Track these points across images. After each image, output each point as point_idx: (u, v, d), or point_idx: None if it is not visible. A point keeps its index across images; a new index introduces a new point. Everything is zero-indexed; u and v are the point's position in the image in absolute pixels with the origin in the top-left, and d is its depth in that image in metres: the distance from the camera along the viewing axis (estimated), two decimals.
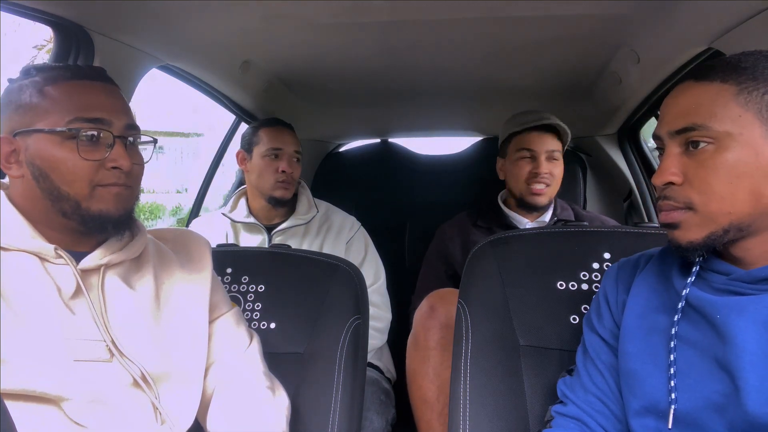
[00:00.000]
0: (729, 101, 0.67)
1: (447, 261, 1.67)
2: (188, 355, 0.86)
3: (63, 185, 0.76)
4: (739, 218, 0.67)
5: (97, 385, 0.75)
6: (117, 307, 0.81)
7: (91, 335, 0.77)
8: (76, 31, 1.18)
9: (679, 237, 0.71)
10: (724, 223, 0.67)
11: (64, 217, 0.77)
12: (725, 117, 0.67)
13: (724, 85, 0.68)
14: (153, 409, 0.80)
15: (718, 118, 0.67)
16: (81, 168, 0.75)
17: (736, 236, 0.68)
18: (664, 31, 1.33)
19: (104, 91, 0.79)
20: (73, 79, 0.77)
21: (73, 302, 0.78)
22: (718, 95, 0.68)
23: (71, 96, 0.76)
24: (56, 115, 0.75)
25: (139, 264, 0.87)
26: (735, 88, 0.67)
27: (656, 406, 0.73)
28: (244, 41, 1.52)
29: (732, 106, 0.67)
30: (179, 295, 0.89)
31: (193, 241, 0.98)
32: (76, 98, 0.76)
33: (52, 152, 0.75)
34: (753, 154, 0.66)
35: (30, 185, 0.77)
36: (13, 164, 0.77)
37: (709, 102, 0.68)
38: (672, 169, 0.70)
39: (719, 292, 0.71)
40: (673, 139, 0.71)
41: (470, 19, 1.35)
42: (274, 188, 1.61)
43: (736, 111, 0.66)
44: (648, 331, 0.77)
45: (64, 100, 0.76)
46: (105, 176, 0.77)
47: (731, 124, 0.66)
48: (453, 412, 0.97)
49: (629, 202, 2.22)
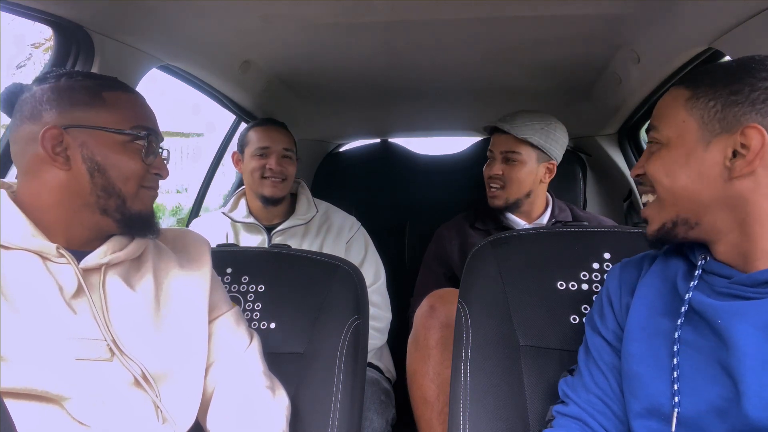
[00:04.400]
0: (679, 106, 0.73)
1: (445, 263, 1.67)
2: (188, 354, 0.87)
3: (118, 182, 0.81)
4: (682, 212, 0.73)
5: (98, 384, 0.76)
6: (118, 306, 0.81)
7: (91, 334, 0.77)
8: (76, 31, 1.18)
9: (647, 230, 0.79)
10: (671, 214, 0.74)
11: (104, 213, 0.81)
12: (671, 121, 0.73)
13: (684, 91, 0.73)
14: (154, 408, 0.80)
15: (666, 122, 0.74)
16: (137, 169, 0.82)
17: (690, 232, 0.74)
18: (664, 31, 1.33)
19: (142, 102, 0.87)
20: (127, 92, 0.85)
21: (75, 301, 0.78)
22: (674, 99, 0.74)
23: (133, 105, 0.84)
24: (119, 119, 0.81)
25: (139, 264, 0.88)
26: (690, 93, 0.72)
27: (659, 409, 0.73)
28: (244, 41, 1.52)
29: (680, 110, 0.72)
30: (179, 295, 0.89)
31: (192, 241, 0.98)
32: (137, 108, 0.84)
33: (115, 151, 0.81)
34: (684, 155, 0.71)
35: (77, 179, 0.79)
36: (60, 156, 0.78)
37: (665, 105, 0.75)
38: (639, 163, 0.79)
39: (721, 296, 0.71)
40: (648, 135, 0.78)
41: (470, 19, 1.35)
42: (262, 186, 1.61)
43: (681, 116, 0.72)
44: (652, 334, 0.77)
45: (126, 107, 0.83)
46: (149, 180, 0.85)
47: (674, 128, 0.73)
48: (453, 412, 0.97)
49: (629, 202, 2.22)
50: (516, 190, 1.60)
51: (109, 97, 0.82)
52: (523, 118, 1.59)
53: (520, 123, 1.57)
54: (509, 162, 1.59)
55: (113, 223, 0.82)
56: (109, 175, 0.80)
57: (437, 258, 1.69)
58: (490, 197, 1.63)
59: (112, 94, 0.82)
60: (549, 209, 1.68)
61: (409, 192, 2.47)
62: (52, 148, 0.77)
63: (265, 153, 1.62)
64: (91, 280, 0.80)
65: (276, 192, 1.61)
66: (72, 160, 0.79)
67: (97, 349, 0.77)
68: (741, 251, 0.70)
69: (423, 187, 2.47)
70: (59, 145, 0.78)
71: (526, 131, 1.56)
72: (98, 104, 0.81)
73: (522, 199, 1.62)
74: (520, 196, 1.61)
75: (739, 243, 0.70)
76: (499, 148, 1.60)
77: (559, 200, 1.73)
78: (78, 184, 0.79)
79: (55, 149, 0.78)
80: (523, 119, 1.58)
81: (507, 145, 1.58)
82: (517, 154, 1.58)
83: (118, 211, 0.82)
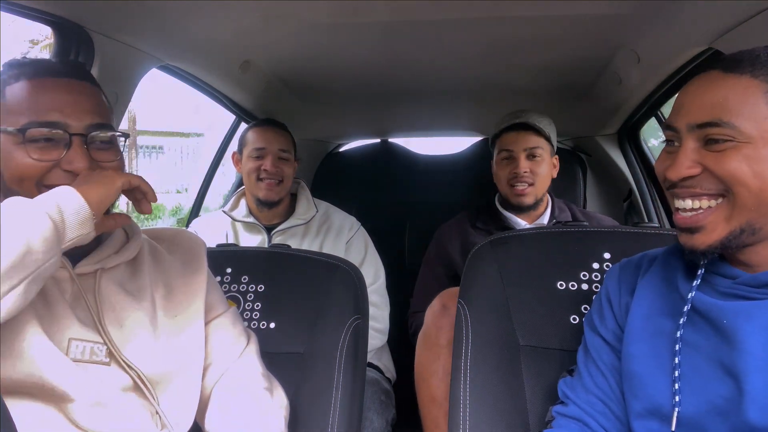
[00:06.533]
0: (759, 99, 0.63)
1: (446, 263, 1.67)
2: (186, 356, 0.86)
3: (12, 184, 0.75)
4: (756, 219, 0.65)
5: (97, 388, 0.75)
6: (113, 310, 0.80)
7: (89, 338, 0.77)
8: (76, 31, 1.18)
9: (698, 241, 0.68)
10: (742, 221, 0.66)
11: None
12: (752, 117, 0.63)
13: (754, 81, 0.64)
14: (152, 414, 0.80)
15: (745, 117, 0.63)
16: (29, 168, 0.75)
17: (747, 239, 0.67)
18: (664, 31, 1.33)
19: (67, 89, 0.78)
20: (36, 77, 0.77)
21: (73, 305, 0.78)
22: (747, 91, 0.64)
23: (28, 96, 0.76)
24: (14, 114, 0.75)
25: (134, 266, 0.87)
26: (766, 85, 0.64)
27: (659, 409, 0.73)
28: (243, 41, 1.52)
29: (761, 104, 0.63)
30: (175, 297, 0.88)
31: (188, 241, 0.97)
32: (33, 99, 0.76)
33: (6, 150, 0.75)
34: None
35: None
36: None
37: (736, 97, 0.64)
38: (688, 163, 0.67)
39: (725, 296, 0.70)
40: (692, 132, 0.67)
41: (470, 19, 1.35)
42: (257, 189, 1.61)
43: (764, 111, 0.63)
44: (652, 334, 0.77)
45: (21, 100, 0.76)
46: (56, 177, 0.76)
47: (756, 125, 0.63)
48: (453, 412, 0.97)
49: (629, 202, 2.22)
50: (543, 185, 1.63)
51: (12, 90, 0.76)
52: (535, 114, 1.62)
53: (536, 118, 1.61)
54: (534, 158, 1.60)
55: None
56: (3, 176, 0.76)
57: (438, 257, 1.69)
58: (519, 195, 1.61)
59: (16, 85, 0.76)
60: (549, 209, 1.68)
61: (409, 192, 2.47)
62: None
63: (261, 154, 1.62)
64: (85, 285, 0.79)
65: (270, 195, 1.61)
66: None
67: (95, 353, 0.77)
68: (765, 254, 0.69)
69: (423, 187, 2.47)
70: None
71: (545, 126, 1.60)
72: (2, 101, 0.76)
73: (543, 196, 1.65)
74: (544, 192, 1.64)
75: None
76: (522, 146, 1.60)
77: (558, 200, 1.74)
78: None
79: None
80: (536, 115, 1.62)
81: (530, 142, 1.60)
82: (540, 149, 1.61)
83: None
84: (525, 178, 1.59)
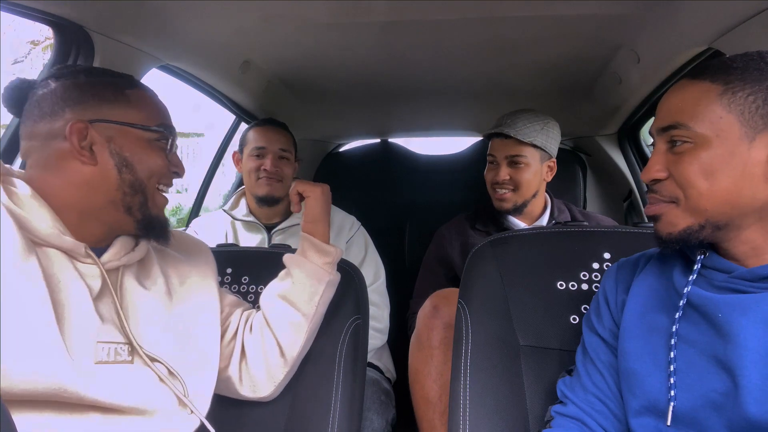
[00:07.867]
0: (712, 102, 0.68)
1: (446, 264, 1.67)
2: (203, 342, 0.89)
3: (145, 178, 0.82)
4: (714, 216, 0.69)
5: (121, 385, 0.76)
6: (134, 307, 0.82)
7: (113, 337, 0.78)
8: (76, 31, 1.18)
9: (659, 228, 0.74)
10: (700, 219, 0.70)
11: (127, 212, 0.81)
12: (706, 118, 0.68)
13: (711, 85, 0.68)
14: (177, 402, 0.81)
15: (699, 119, 0.68)
16: (161, 166, 0.84)
17: (713, 234, 0.70)
18: (664, 31, 1.33)
19: (164, 104, 0.88)
20: (146, 90, 0.86)
21: (98, 304, 0.78)
22: (703, 95, 0.68)
23: (154, 103, 0.85)
24: (144, 116, 0.83)
25: (145, 263, 0.89)
26: (721, 87, 0.68)
27: (655, 405, 0.73)
28: (243, 41, 1.52)
29: (715, 107, 0.67)
30: (189, 293, 0.91)
31: (192, 242, 1.02)
32: (158, 105, 0.86)
33: (142, 147, 0.82)
34: (728, 155, 0.67)
35: (103, 175, 0.79)
36: (85, 150, 0.78)
37: (693, 101, 0.69)
38: (657, 166, 0.73)
39: (720, 290, 0.71)
40: (660, 135, 0.73)
41: (470, 19, 1.35)
42: (257, 187, 1.61)
43: (717, 112, 0.67)
44: (648, 330, 0.77)
45: (151, 105, 0.84)
46: (166, 177, 0.86)
47: (710, 125, 0.67)
48: (453, 412, 0.97)
49: (629, 202, 2.22)
50: (525, 192, 1.60)
51: (132, 94, 0.83)
52: (523, 120, 1.58)
53: (521, 126, 1.57)
54: (515, 166, 1.58)
55: (133, 222, 0.82)
56: (136, 170, 0.81)
57: (438, 258, 1.69)
58: (499, 200, 1.62)
59: (134, 92, 0.83)
60: (548, 210, 1.68)
61: (409, 192, 2.47)
62: (78, 142, 0.77)
63: (261, 153, 1.62)
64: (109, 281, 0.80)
65: (270, 191, 1.61)
66: (98, 156, 0.78)
67: (119, 352, 0.78)
68: (754, 247, 0.70)
69: (423, 187, 2.47)
70: (84, 140, 0.78)
71: (530, 133, 1.56)
72: (122, 101, 0.81)
73: (529, 200, 1.62)
74: (528, 197, 1.61)
75: (755, 240, 0.69)
76: (502, 153, 1.59)
77: (557, 200, 1.73)
78: (104, 179, 0.79)
79: (81, 143, 0.77)
80: (523, 121, 1.58)
81: (511, 150, 1.58)
82: (523, 157, 1.57)
83: (140, 211, 0.82)
84: (505, 185, 1.59)
